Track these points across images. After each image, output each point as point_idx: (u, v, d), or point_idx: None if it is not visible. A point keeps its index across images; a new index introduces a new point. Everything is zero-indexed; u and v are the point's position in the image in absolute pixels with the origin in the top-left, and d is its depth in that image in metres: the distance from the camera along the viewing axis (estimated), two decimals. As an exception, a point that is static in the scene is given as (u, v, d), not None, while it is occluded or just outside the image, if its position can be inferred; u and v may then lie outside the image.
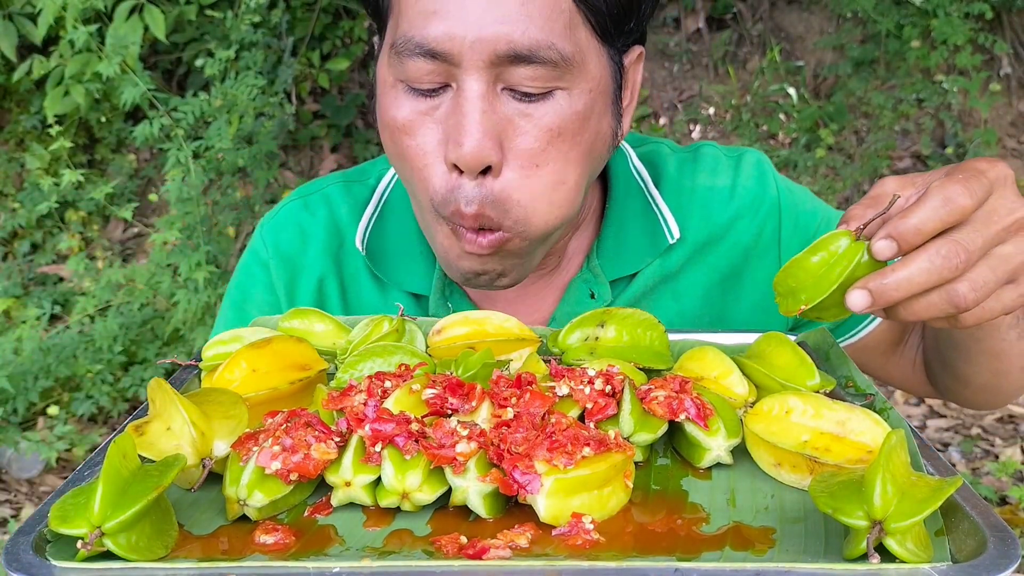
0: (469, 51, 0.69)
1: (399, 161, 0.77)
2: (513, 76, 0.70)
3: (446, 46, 0.69)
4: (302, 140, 3.46)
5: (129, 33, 2.57)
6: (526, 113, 0.71)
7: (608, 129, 0.78)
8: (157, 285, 2.49)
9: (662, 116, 3.68)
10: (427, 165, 0.74)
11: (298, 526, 0.54)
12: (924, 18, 3.38)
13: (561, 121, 0.72)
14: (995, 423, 2.53)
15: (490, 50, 0.68)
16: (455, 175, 0.73)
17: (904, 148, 3.51)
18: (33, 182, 3.21)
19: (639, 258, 0.90)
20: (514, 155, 0.72)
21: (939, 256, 0.57)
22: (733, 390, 0.66)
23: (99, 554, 0.47)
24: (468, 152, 0.70)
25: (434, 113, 0.73)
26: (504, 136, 0.71)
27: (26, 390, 2.46)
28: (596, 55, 0.73)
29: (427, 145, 0.73)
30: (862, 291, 0.59)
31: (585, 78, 0.72)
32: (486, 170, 0.72)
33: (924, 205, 0.58)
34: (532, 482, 0.52)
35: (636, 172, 0.93)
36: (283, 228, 0.96)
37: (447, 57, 0.69)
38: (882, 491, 0.46)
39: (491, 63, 0.69)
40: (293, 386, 0.65)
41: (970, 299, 0.58)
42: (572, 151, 0.74)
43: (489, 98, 0.70)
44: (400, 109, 0.74)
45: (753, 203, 0.92)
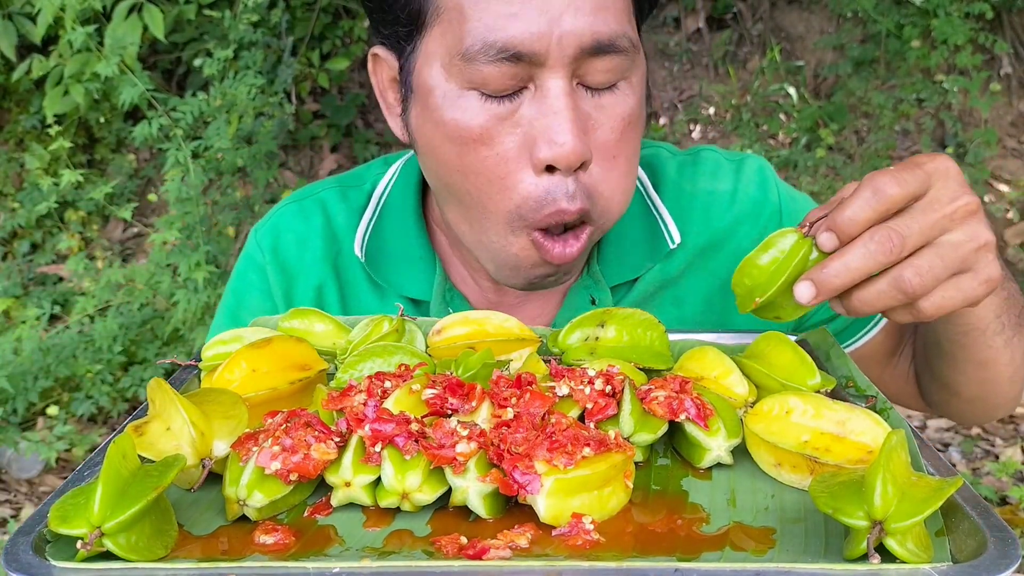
0: (556, 48, 0.69)
1: (470, 175, 0.74)
2: (589, 68, 0.71)
3: (534, 46, 0.68)
4: (302, 140, 3.46)
5: (128, 33, 2.57)
6: (600, 106, 0.72)
7: (644, 112, 0.79)
8: (157, 285, 2.49)
9: (662, 116, 3.68)
10: (510, 173, 0.72)
11: (298, 526, 0.54)
12: (924, 18, 3.38)
13: (629, 110, 0.73)
14: (995, 423, 2.53)
15: (576, 44, 0.69)
16: (546, 177, 0.72)
17: (904, 148, 3.51)
18: (33, 182, 3.21)
19: (640, 263, 0.89)
20: (596, 148, 0.73)
21: (873, 242, 0.61)
22: (733, 390, 0.66)
23: (99, 554, 0.47)
24: (570, 150, 0.69)
25: (513, 116, 0.71)
26: (586, 129, 0.72)
27: (26, 390, 2.46)
28: (639, 41, 0.75)
29: (508, 153, 0.72)
30: (806, 282, 0.62)
31: (640, 66, 0.75)
32: (580, 167, 0.72)
33: (857, 196, 0.62)
34: (532, 482, 0.52)
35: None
36: (279, 233, 0.95)
37: (533, 57, 0.69)
38: (882, 491, 0.46)
39: (574, 58, 0.69)
40: (293, 386, 0.65)
41: (915, 283, 0.61)
42: (637, 139, 0.76)
43: (571, 93, 0.71)
44: (475, 117, 0.71)
45: (754, 209, 0.92)
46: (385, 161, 0.98)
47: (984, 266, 0.64)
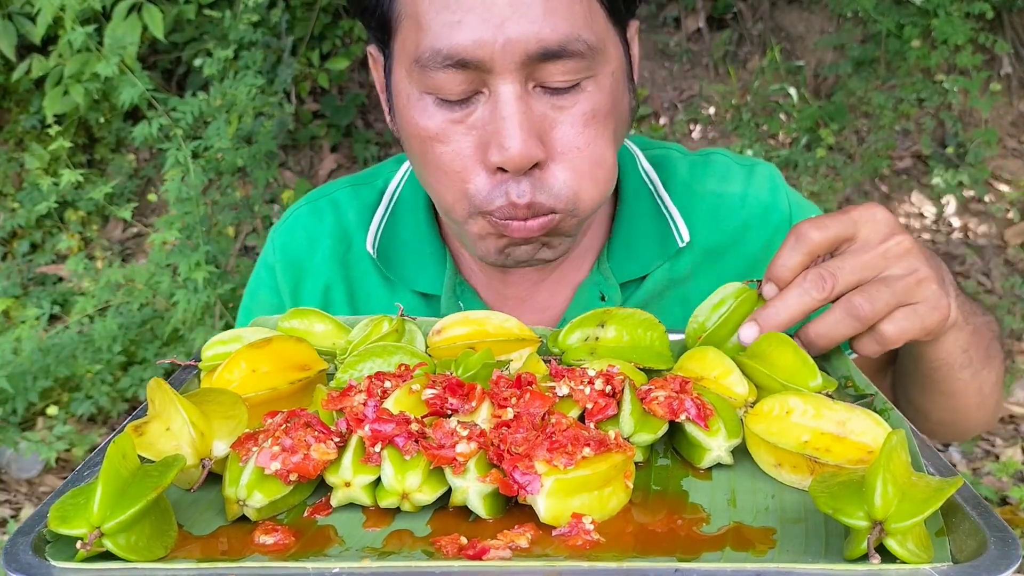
0: (500, 55, 0.69)
1: (430, 168, 0.76)
2: (544, 72, 0.71)
3: (477, 54, 0.69)
4: (302, 140, 3.46)
5: (127, 33, 2.57)
6: (560, 106, 0.73)
7: (626, 106, 0.80)
8: (156, 285, 2.49)
9: (662, 116, 3.67)
10: (465, 168, 0.74)
11: (298, 526, 0.54)
12: (924, 18, 3.37)
13: (594, 107, 0.73)
14: (996, 423, 2.53)
15: (521, 51, 0.69)
16: (499, 175, 0.73)
17: (904, 148, 3.51)
18: (32, 182, 3.21)
19: (649, 260, 0.90)
20: (555, 145, 0.73)
21: (807, 281, 0.67)
22: (733, 390, 0.66)
23: (98, 554, 0.47)
24: (516, 154, 0.70)
25: (467, 120, 0.73)
26: (543, 132, 0.72)
27: (25, 390, 2.46)
28: (612, 38, 0.75)
29: (464, 151, 0.74)
30: (749, 323, 0.69)
31: (608, 62, 0.74)
32: (534, 167, 0.73)
33: (784, 246, 0.69)
34: (532, 482, 0.52)
35: (645, 174, 0.93)
36: (291, 233, 0.97)
37: (478, 64, 0.69)
38: (883, 491, 0.46)
39: (522, 64, 0.69)
40: (293, 386, 0.65)
41: (866, 308, 0.67)
42: (606, 130, 0.75)
43: (524, 97, 0.71)
44: (431, 119, 0.73)
45: (764, 214, 0.92)
46: (398, 160, 1.00)
47: (931, 296, 0.68)
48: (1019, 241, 3.26)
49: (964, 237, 3.30)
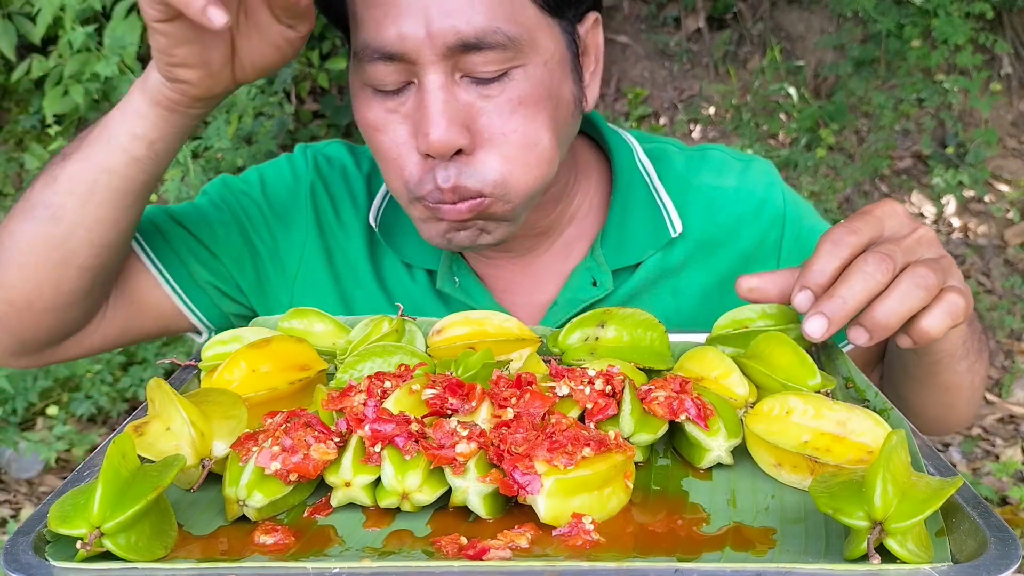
0: (422, 47, 0.72)
1: (376, 156, 0.81)
2: (468, 63, 0.74)
3: (400, 47, 0.73)
4: (302, 140, 3.46)
5: (127, 32, 2.56)
6: (486, 95, 0.75)
7: (570, 95, 0.81)
8: (157, 285, 2.49)
9: (662, 116, 3.67)
10: (401, 155, 0.78)
11: (298, 526, 0.54)
12: (925, 18, 3.37)
13: (521, 94, 0.76)
14: (996, 423, 2.53)
15: (440, 43, 0.72)
16: (428, 161, 0.76)
17: (905, 148, 3.51)
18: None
19: (641, 248, 0.91)
20: (482, 132, 0.76)
21: (869, 265, 0.65)
22: (733, 390, 0.66)
23: (98, 554, 0.47)
24: (437, 139, 0.73)
25: (400, 110, 0.77)
26: (469, 120, 0.75)
27: (25, 390, 2.46)
28: (547, 29, 0.77)
29: (399, 138, 0.77)
30: (815, 316, 0.64)
31: (537, 52, 0.76)
32: (458, 152, 0.75)
33: (819, 253, 0.67)
34: (532, 482, 0.52)
35: (641, 165, 0.94)
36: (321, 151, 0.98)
37: (403, 56, 0.73)
38: (883, 491, 0.46)
39: (444, 55, 0.73)
40: (293, 386, 0.65)
41: (931, 278, 0.64)
42: (538, 115, 0.77)
43: (449, 87, 0.74)
44: (370, 110, 0.78)
45: (758, 209, 0.93)
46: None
47: (961, 281, 0.68)
48: (1019, 241, 3.26)
49: (964, 237, 3.30)
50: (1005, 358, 2.78)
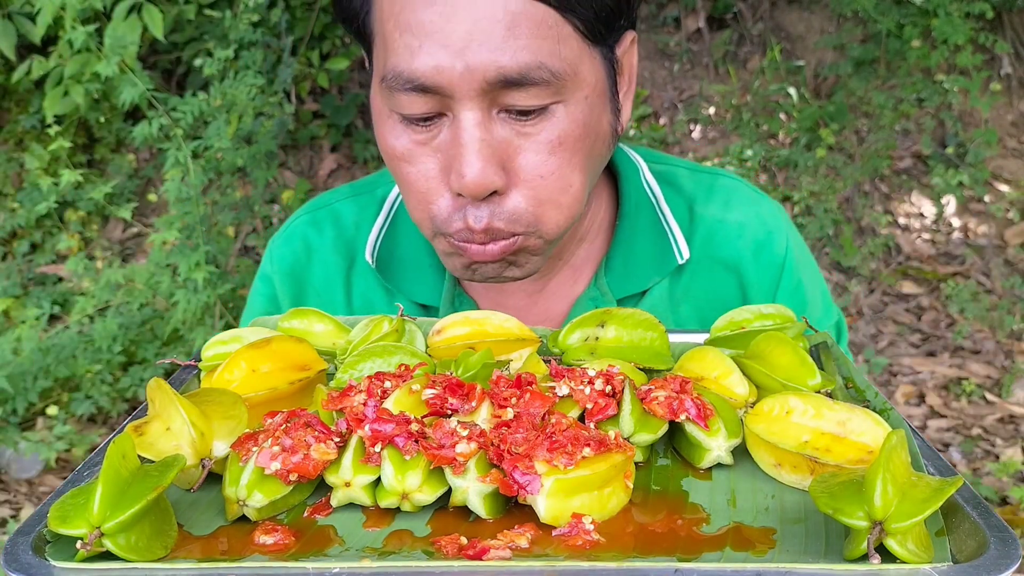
0: (459, 82, 0.68)
1: (400, 186, 0.77)
2: (507, 99, 0.69)
3: (436, 79, 0.68)
4: (302, 140, 3.46)
5: (128, 33, 2.56)
6: (524, 133, 0.71)
7: (607, 128, 0.78)
8: (156, 285, 2.49)
9: (662, 116, 3.67)
10: (431, 190, 0.74)
11: (298, 526, 0.54)
12: (924, 18, 3.37)
13: (561, 133, 0.72)
14: (996, 423, 2.53)
15: (480, 79, 0.67)
16: (460, 199, 0.73)
17: (905, 148, 3.51)
18: (32, 182, 3.21)
19: (647, 276, 0.89)
20: (518, 172, 0.72)
21: None
22: (733, 390, 0.66)
23: (98, 554, 0.47)
24: (471, 181, 0.70)
25: (432, 143, 0.72)
26: (506, 158, 0.71)
27: (25, 390, 2.46)
28: (589, 60, 0.72)
29: (429, 172, 0.73)
30: None
31: (580, 87, 0.72)
32: (492, 194, 0.72)
33: None
34: (532, 482, 0.52)
35: (648, 187, 0.92)
36: (289, 243, 0.96)
37: (438, 90, 0.69)
38: (883, 491, 0.46)
39: (483, 91, 0.68)
40: (293, 386, 0.65)
41: None
42: (575, 157, 0.73)
43: (486, 124, 0.70)
44: (398, 139, 0.73)
45: (757, 251, 0.91)
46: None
47: None
48: (1019, 241, 3.26)
49: (964, 237, 3.30)
50: (1005, 358, 2.78)
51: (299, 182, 3.27)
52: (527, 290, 0.90)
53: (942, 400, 2.62)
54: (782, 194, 3.28)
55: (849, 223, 3.25)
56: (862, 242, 3.23)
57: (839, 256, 3.14)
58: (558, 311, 0.90)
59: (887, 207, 3.37)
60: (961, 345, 2.84)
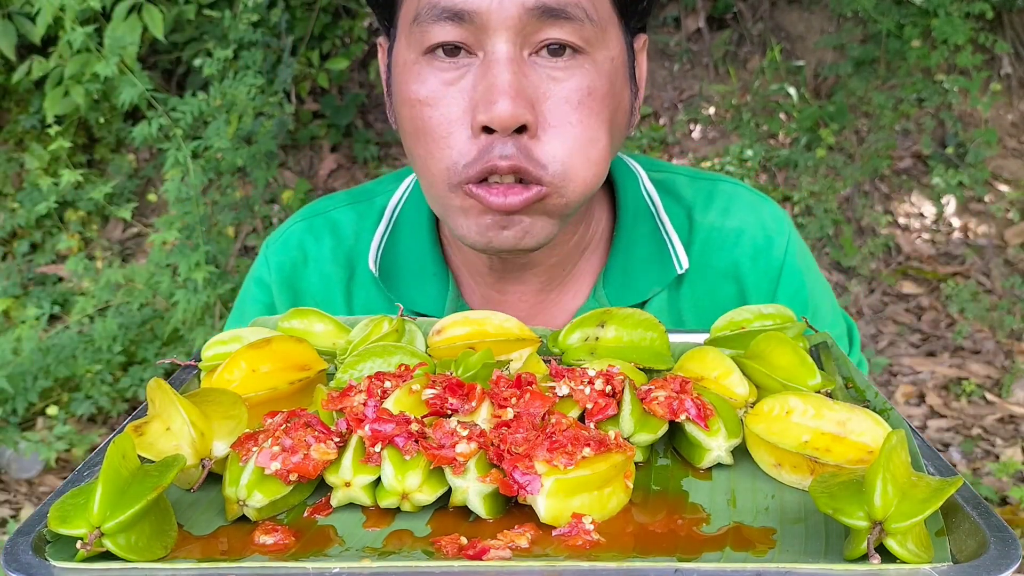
0: (497, 8, 0.68)
1: (419, 136, 0.75)
2: (540, 34, 0.70)
3: (473, 5, 0.69)
4: (302, 140, 3.46)
5: (127, 33, 2.56)
6: (554, 78, 0.72)
7: (627, 103, 0.79)
8: (156, 285, 2.49)
9: (662, 116, 3.67)
10: (451, 133, 0.73)
11: (298, 526, 0.54)
12: (924, 18, 3.37)
13: (590, 85, 0.72)
14: (996, 423, 2.53)
15: (519, 5, 0.68)
16: (483, 137, 0.71)
17: (905, 148, 3.51)
18: (32, 182, 3.21)
19: (646, 287, 0.88)
20: (547, 116, 0.72)
21: None
22: (733, 390, 0.66)
23: (98, 554, 0.47)
24: (503, 109, 0.69)
25: (459, 83, 0.72)
26: (536, 99, 0.71)
27: (25, 390, 2.46)
28: (615, 28, 0.75)
29: (451, 114, 0.72)
30: None
31: (607, 46, 0.74)
32: (520, 130, 0.71)
33: None
34: (532, 482, 0.52)
35: (647, 195, 0.91)
36: (286, 251, 0.94)
37: (474, 17, 0.69)
38: (882, 491, 0.46)
39: (520, 22, 0.69)
40: (293, 386, 0.65)
41: None
42: (602, 113, 0.74)
43: (518, 61, 0.70)
44: (424, 83, 0.73)
45: (755, 256, 0.90)
46: (397, 176, 0.97)
47: None
48: (1019, 241, 3.26)
49: (964, 237, 3.30)
50: (1005, 358, 2.78)
51: (299, 182, 3.27)
52: (529, 301, 0.90)
53: (942, 400, 2.62)
54: (782, 194, 3.28)
55: (849, 223, 3.25)
56: (862, 242, 3.23)
57: (839, 256, 3.14)
58: (558, 323, 0.90)
59: (887, 207, 3.38)
60: (961, 345, 2.84)
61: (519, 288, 0.88)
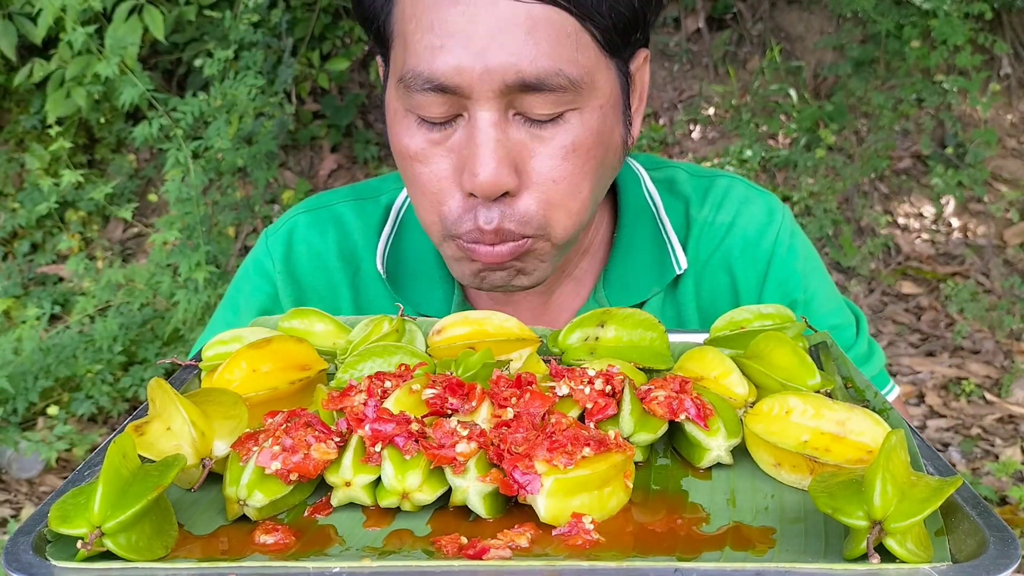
0: (478, 83, 0.69)
1: (412, 187, 0.77)
2: (524, 103, 0.70)
3: (455, 80, 0.69)
4: (302, 140, 3.46)
5: (128, 34, 2.57)
6: (539, 136, 0.72)
7: (619, 140, 0.78)
8: (157, 285, 2.49)
9: (662, 116, 3.68)
10: (442, 191, 0.74)
11: (298, 526, 0.54)
12: (924, 18, 3.38)
13: (575, 140, 0.73)
14: (995, 423, 2.53)
15: (499, 80, 0.69)
16: (471, 200, 0.73)
17: (904, 148, 3.51)
18: (33, 182, 3.21)
19: (646, 287, 0.89)
20: (530, 175, 0.73)
21: None
22: (733, 390, 0.66)
23: (99, 554, 0.47)
24: (485, 181, 0.70)
25: (446, 143, 0.73)
26: (519, 160, 0.72)
27: (26, 390, 2.46)
28: (604, 71, 0.74)
29: (441, 172, 0.74)
30: None
31: (595, 96, 0.73)
32: (504, 195, 0.73)
33: None
34: (532, 482, 0.52)
35: (649, 196, 0.92)
36: (292, 243, 0.94)
37: (456, 90, 0.70)
38: (882, 491, 0.46)
39: (501, 93, 0.69)
40: (293, 386, 0.65)
41: None
42: (587, 165, 0.74)
43: (502, 125, 0.71)
44: (412, 139, 0.74)
45: (744, 247, 0.90)
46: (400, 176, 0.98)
47: None
48: (1018, 241, 3.26)
49: (964, 237, 3.30)
50: (1004, 358, 2.78)
51: (299, 182, 3.27)
52: (532, 303, 0.90)
53: (942, 400, 2.62)
54: (782, 194, 3.28)
55: (849, 223, 3.25)
56: (862, 242, 3.23)
57: (839, 256, 3.14)
58: (561, 323, 0.90)
59: (887, 207, 3.38)
60: (960, 345, 2.84)
61: (522, 291, 0.88)
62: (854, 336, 0.96)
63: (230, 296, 0.97)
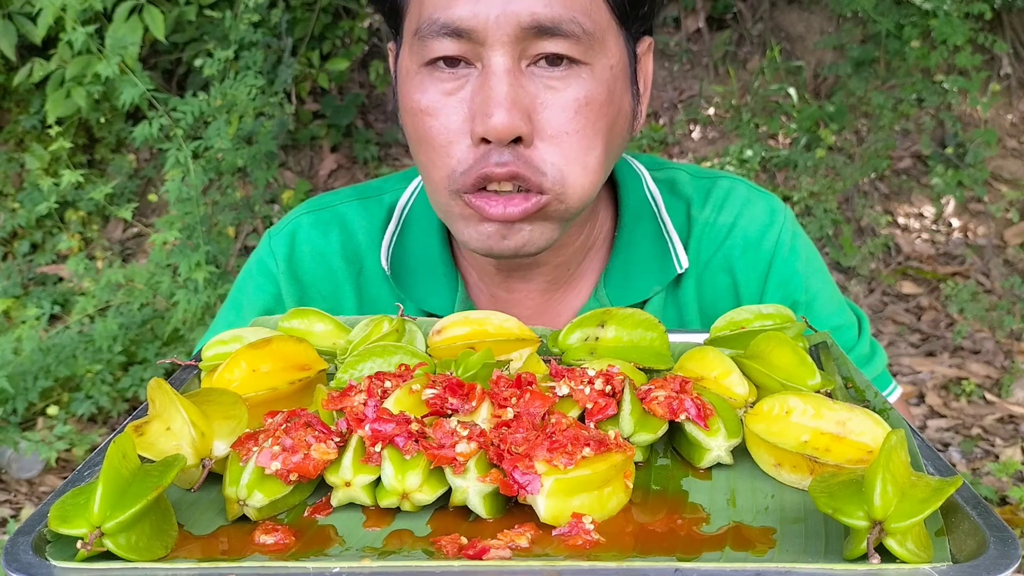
0: (494, 26, 0.70)
1: (421, 144, 0.77)
2: (538, 48, 0.72)
3: (471, 23, 0.71)
4: (302, 140, 3.46)
5: (128, 33, 2.57)
6: (552, 87, 0.73)
7: (628, 108, 0.79)
8: (157, 285, 2.49)
9: (662, 116, 3.68)
10: (451, 142, 0.75)
11: (298, 526, 0.54)
12: (924, 18, 3.37)
13: (588, 93, 0.74)
14: (995, 423, 2.53)
15: (514, 23, 0.70)
16: (482, 147, 0.73)
17: (904, 148, 3.51)
18: (33, 182, 3.21)
19: (647, 286, 0.89)
20: (543, 126, 0.73)
21: None
22: (733, 390, 0.66)
23: (99, 554, 0.47)
24: (498, 121, 0.71)
25: (458, 93, 0.74)
26: (532, 110, 0.73)
27: (26, 390, 2.46)
28: (614, 36, 0.76)
29: (451, 124, 0.74)
30: None
31: (606, 55, 0.75)
32: (517, 140, 0.73)
33: None
34: (532, 482, 0.52)
35: (650, 195, 0.92)
36: (295, 243, 0.94)
37: (472, 34, 0.71)
38: (882, 491, 0.46)
39: (516, 37, 0.71)
40: (293, 386, 0.65)
41: None
42: (599, 122, 0.75)
43: (515, 73, 0.72)
44: (424, 94, 0.75)
45: (744, 248, 0.91)
46: (404, 176, 0.97)
47: None
48: (1019, 241, 3.26)
49: (964, 237, 3.30)
50: (1005, 358, 2.78)
51: (299, 182, 3.27)
52: (535, 300, 0.90)
53: (942, 400, 2.62)
54: (782, 194, 3.27)
55: (849, 223, 3.25)
56: (862, 242, 3.23)
57: (839, 256, 3.14)
58: (562, 322, 0.90)
59: (887, 207, 3.38)
60: (961, 345, 2.84)
61: (525, 287, 0.89)
62: (856, 337, 0.96)
63: (233, 297, 0.97)
